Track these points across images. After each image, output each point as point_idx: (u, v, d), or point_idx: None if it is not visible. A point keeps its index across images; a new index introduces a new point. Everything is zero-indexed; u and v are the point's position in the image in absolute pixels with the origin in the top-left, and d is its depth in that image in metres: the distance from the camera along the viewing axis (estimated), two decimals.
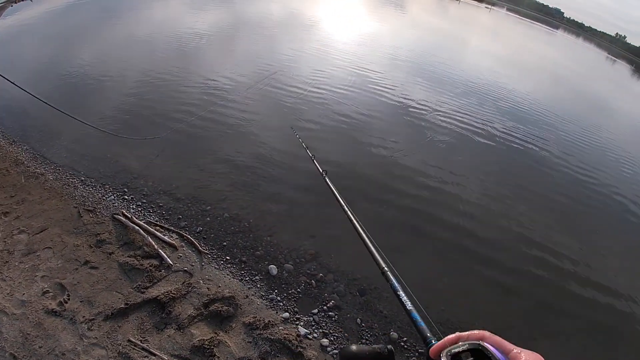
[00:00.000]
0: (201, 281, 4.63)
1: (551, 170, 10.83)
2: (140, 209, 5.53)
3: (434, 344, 0.87)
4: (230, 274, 4.88)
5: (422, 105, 12.62)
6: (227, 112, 8.93)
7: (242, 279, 4.86)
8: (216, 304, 4.39)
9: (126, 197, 5.71)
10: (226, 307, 4.37)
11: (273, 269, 5.09)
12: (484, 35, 45.09)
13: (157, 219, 5.43)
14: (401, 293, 1.22)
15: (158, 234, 5.06)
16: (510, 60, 30.36)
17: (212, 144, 7.60)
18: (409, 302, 1.16)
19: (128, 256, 4.71)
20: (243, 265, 5.05)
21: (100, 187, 5.84)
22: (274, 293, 4.81)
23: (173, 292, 4.38)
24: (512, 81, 20.82)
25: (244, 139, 7.97)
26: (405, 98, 12.85)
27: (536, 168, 10.75)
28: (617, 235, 8.84)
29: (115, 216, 5.18)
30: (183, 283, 4.53)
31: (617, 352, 5.83)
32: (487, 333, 0.78)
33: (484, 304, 5.68)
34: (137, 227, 5.04)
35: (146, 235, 4.94)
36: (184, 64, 11.59)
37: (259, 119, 8.93)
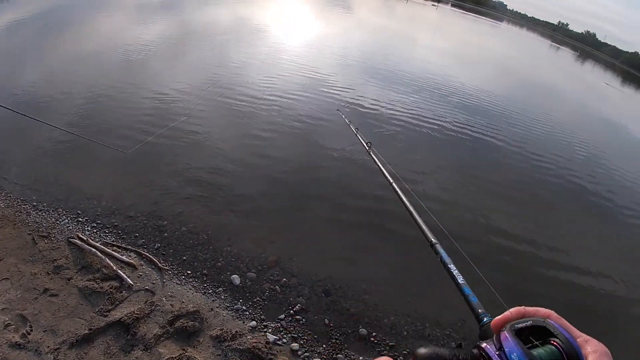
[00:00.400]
0: (164, 298, 4.63)
1: (507, 160, 11.26)
2: (95, 231, 5.46)
3: (486, 321, 0.87)
4: (193, 288, 4.89)
5: (375, 105, 12.80)
6: (179, 125, 8.81)
7: (205, 292, 4.88)
8: (181, 320, 4.40)
9: (80, 219, 5.62)
10: (192, 322, 4.39)
11: (236, 279, 5.13)
12: (430, 31, 45.70)
13: (113, 239, 5.37)
14: (452, 266, 1.21)
15: (116, 254, 5.02)
16: (458, 55, 31.05)
17: (164, 158, 7.51)
18: (461, 276, 1.15)
19: (87, 280, 4.66)
20: (205, 278, 5.07)
21: (53, 211, 5.72)
22: (239, 303, 4.85)
23: (136, 312, 4.37)
24: (460, 75, 21.34)
25: (197, 151, 7.90)
26: (358, 99, 13.00)
27: (493, 159, 11.18)
28: (575, 215, 9.31)
29: (71, 240, 5.11)
30: (146, 302, 4.53)
31: (589, 329, 6.10)
32: (554, 313, 0.74)
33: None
34: (93, 250, 4.98)
35: (104, 257, 4.90)
36: (132, 78, 11.28)
37: (211, 130, 8.86)
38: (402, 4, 79.98)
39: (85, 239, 5.15)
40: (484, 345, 0.68)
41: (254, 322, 4.64)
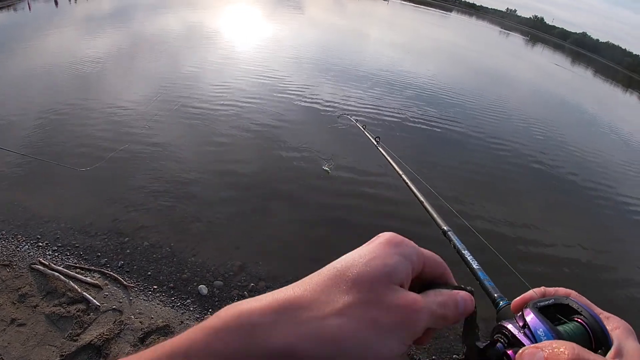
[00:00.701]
0: (132, 316, 4.63)
1: (467, 147, 11.47)
2: (57, 254, 5.39)
3: (503, 304, 0.83)
4: (161, 303, 4.90)
5: (331, 104, 12.84)
6: (136, 138, 8.65)
7: (173, 306, 4.89)
8: (152, 336, 4.42)
9: (41, 244, 5.53)
10: (163, 338, 4.40)
11: (203, 288, 5.15)
12: (382, 26, 45.51)
13: (75, 260, 5.32)
14: (466, 252, 1.15)
15: (79, 276, 4.98)
16: (410, 48, 31.09)
17: (122, 173, 7.36)
18: (475, 261, 1.11)
19: (54, 306, 4.63)
20: (172, 292, 5.08)
21: (12, 238, 5.60)
22: (209, 313, 4.88)
23: (106, 333, 4.36)
24: (414, 68, 21.65)
25: (155, 163, 7.79)
26: (315, 99, 12.99)
27: (453, 148, 11.31)
28: (537, 193, 9.58)
29: (33, 266, 5.05)
30: (114, 322, 4.52)
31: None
32: (573, 292, 0.71)
33: None
34: (56, 274, 4.94)
35: (68, 281, 4.86)
36: (85, 93, 10.86)
37: (168, 141, 8.71)
38: (354, 2, 79.33)
39: (47, 263, 5.09)
40: (505, 324, 0.64)
41: None
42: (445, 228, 1.44)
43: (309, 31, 30.10)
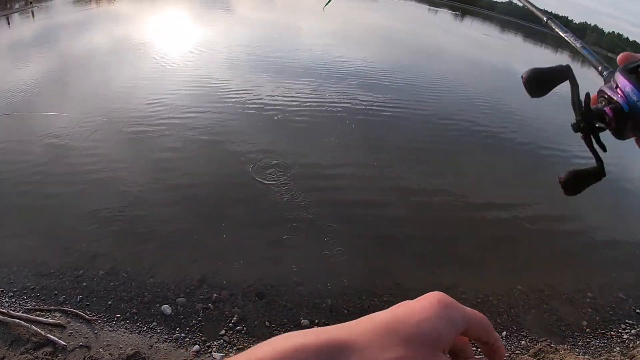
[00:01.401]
0: (101, 349, 4.63)
1: (414, 127, 11.42)
2: (14, 299, 5.31)
3: (606, 74, 0.82)
4: (127, 331, 4.89)
5: (274, 100, 12.53)
6: (73, 162, 8.39)
7: (140, 331, 4.89)
8: None
9: None
10: None
11: (167, 308, 5.14)
12: (310, 18, 43.81)
13: (34, 303, 5.25)
14: (568, 34, 1.20)
15: (41, 319, 4.94)
16: (343, 35, 30.04)
17: (62, 205, 7.18)
18: (579, 40, 1.14)
19: (20, 354, 4.60)
20: (136, 317, 5.07)
21: None
22: (177, 331, 4.90)
23: None
24: (349, 55, 21.04)
25: (98, 188, 7.51)
26: (257, 100, 12.60)
27: (399, 128, 11.30)
28: (484, 159, 9.74)
29: None
30: (84, 359, 4.51)
31: (516, 252, 6.58)
32: None
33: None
34: (17, 320, 4.89)
35: (30, 325, 4.82)
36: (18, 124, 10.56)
37: (107, 162, 8.40)
38: None
39: (6, 311, 5.02)
40: (604, 87, 0.71)
41: (197, 346, 4.70)
42: (544, 18, 1.46)
43: (240, 30, 28.86)
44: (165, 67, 16.37)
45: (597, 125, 0.70)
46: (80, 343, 4.69)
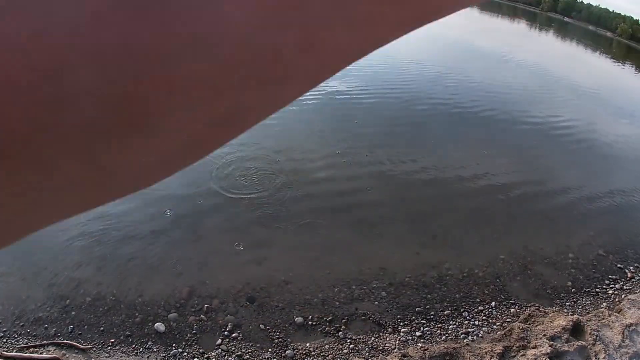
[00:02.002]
0: None
1: (377, 110, 11.40)
2: (5, 339, 5.23)
3: None
4: (124, 354, 4.87)
5: None
6: None
7: (137, 353, 4.87)
8: None
9: None
10: None
11: (160, 326, 5.12)
12: None
13: (26, 340, 5.18)
14: None
15: (35, 355, 4.90)
16: None
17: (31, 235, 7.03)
18: None
19: None
20: (130, 339, 5.03)
21: None
22: (174, 348, 4.89)
23: None
24: None
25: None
26: None
27: (365, 112, 11.23)
28: (451, 133, 9.85)
29: None
30: None
31: (494, 222, 6.69)
32: None
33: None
34: None
35: None
36: None
37: None
38: None
39: None
40: None
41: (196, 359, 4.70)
42: None
43: None
44: None
45: None
46: None
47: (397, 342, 5.15)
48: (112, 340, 5.05)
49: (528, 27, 59.35)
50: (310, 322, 5.14)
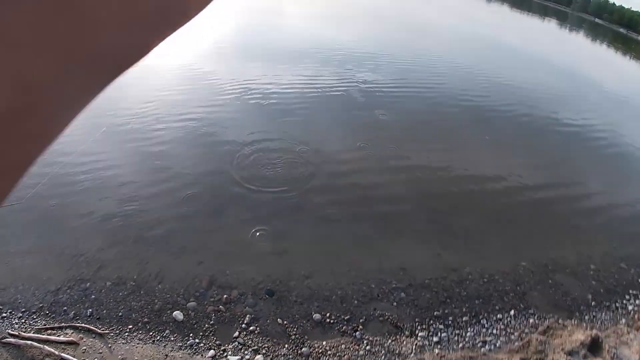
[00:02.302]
0: None
1: (406, 106, 11.29)
2: (24, 320, 5.25)
3: None
4: (141, 342, 4.88)
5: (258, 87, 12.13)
6: (72, 160, 8.22)
7: (154, 341, 4.88)
8: None
9: (4, 314, 5.39)
10: None
11: (178, 314, 5.13)
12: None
13: (44, 322, 5.20)
14: None
15: (53, 338, 4.91)
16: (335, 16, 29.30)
17: (57, 213, 6.99)
18: None
19: None
20: (148, 326, 5.04)
21: None
22: (190, 338, 4.89)
23: None
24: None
25: (96, 191, 7.34)
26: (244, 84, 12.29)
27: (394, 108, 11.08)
28: (481, 133, 9.75)
29: (3, 340, 4.95)
30: None
31: (518, 227, 6.64)
32: None
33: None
34: (29, 342, 4.86)
35: (42, 346, 4.80)
36: None
37: (107, 162, 8.27)
38: None
39: (17, 333, 4.99)
40: None
41: (212, 351, 4.72)
42: None
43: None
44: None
45: None
46: (95, 359, 4.68)
47: (414, 346, 5.13)
48: (130, 326, 5.06)
49: (559, 27, 58.28)
50: (328, 320, 5.13)
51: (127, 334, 4.98)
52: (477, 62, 15.95)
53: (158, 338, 4.91)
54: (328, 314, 5.19)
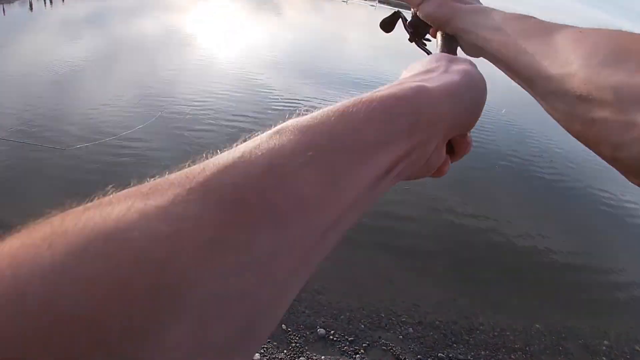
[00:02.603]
0: None
1: None
2: None
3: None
4: None
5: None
6: (130, 135, 8.58)
7: None
8: None
9: None
10: None
11: None
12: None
13: None
14: None
15: None
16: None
17: (101, 175, 7.33)
18: None
19: None
20: None
21: None
22: None
23: None
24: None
25: (145, 169, 7.70)
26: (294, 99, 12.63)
27: None
28: (520, 190, 9.73)
29: None
30: None
31: (539, 289, 6.56)
32: None
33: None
34: None
35: None
36: (66, 94, 10.88)
37: (160, 148, 8.62)
38: (341, 6, 73.22)
39: None
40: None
41: None
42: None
43: (289, 33, 29.07)
44: (215, 63, 16.80)
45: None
46: None
47: None
48: None
49: None
50: (331, 337, 5.11)
51: None
52: (529, 122, 15.80)
53: None
54: (333, 331, 5.17)
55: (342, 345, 5.09)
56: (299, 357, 4.84)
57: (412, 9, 0.89)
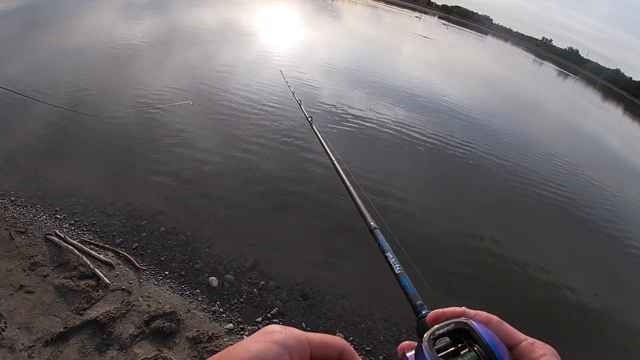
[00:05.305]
0: (140, 298, 4.60)
1: (494, 175, 11.40)
2: (73, 228, 5.38)
3: (423, 314, 0.85)
4: (170, 289, 4.86)
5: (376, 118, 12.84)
6: (167, 120, 8.80)
7: (182, 294, 4.85)
8: (158, 321, 4.37)
9: (58, 216, 5.53)
10: (168, 323, 4.36)
11: (214, 280, 5.11)
12: (417, 44, 45.52)
13: (91, 237, 5.30)
14: (390, 254, 1.16)
15: (93, 252, 4.97)
16: (446, 69, 31.07)
17: (147, 155, 7.48)
18: (398, 265, 1.10)
19: (64, 278, 4.60)
20: (182, 279, 5.04)
21: (31, 207, 5.61)
22: (216, 305, 4.83)
23: (112, 312, 4.32)
24: (445, 88, 21.48)
25: (182, 148, 7.91)
26: (340, 109, 12.92)
27: (478, 172, 11.23)
28: (563, 231, 9.67)
29: (48, 237, 5.05)
30: (122, 302, 4.49)
31: (562, 332, 6.34)
32: (495, 318, 0.71)
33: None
34: (71, 247, 4.93)
35: (81, 255, 4.85)
36: (121, 72, 11.28)
37: (197, 127, 8.88)
38: (388, 14, 78.17)
39: (62, 236, 5.09)
40: (408, 355, 0.68)
41: (230, 325, 4.62)
42: (372, 224, 1.42)
43: (342, 40, 30.34)
44: (268, 58, 17.49)
45: None
46: (123, 286, 4.68)
47: None
48: (167, 272, 5.08)
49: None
50: (349, 342, 4.99)
51: (161, 277, 4.99)
52: (578, 160, 15.69)
53: (187, 293, 4.89)
54: (351, 338, 5.02)
55: (359, 353, 4.94)
56: None
57: None
